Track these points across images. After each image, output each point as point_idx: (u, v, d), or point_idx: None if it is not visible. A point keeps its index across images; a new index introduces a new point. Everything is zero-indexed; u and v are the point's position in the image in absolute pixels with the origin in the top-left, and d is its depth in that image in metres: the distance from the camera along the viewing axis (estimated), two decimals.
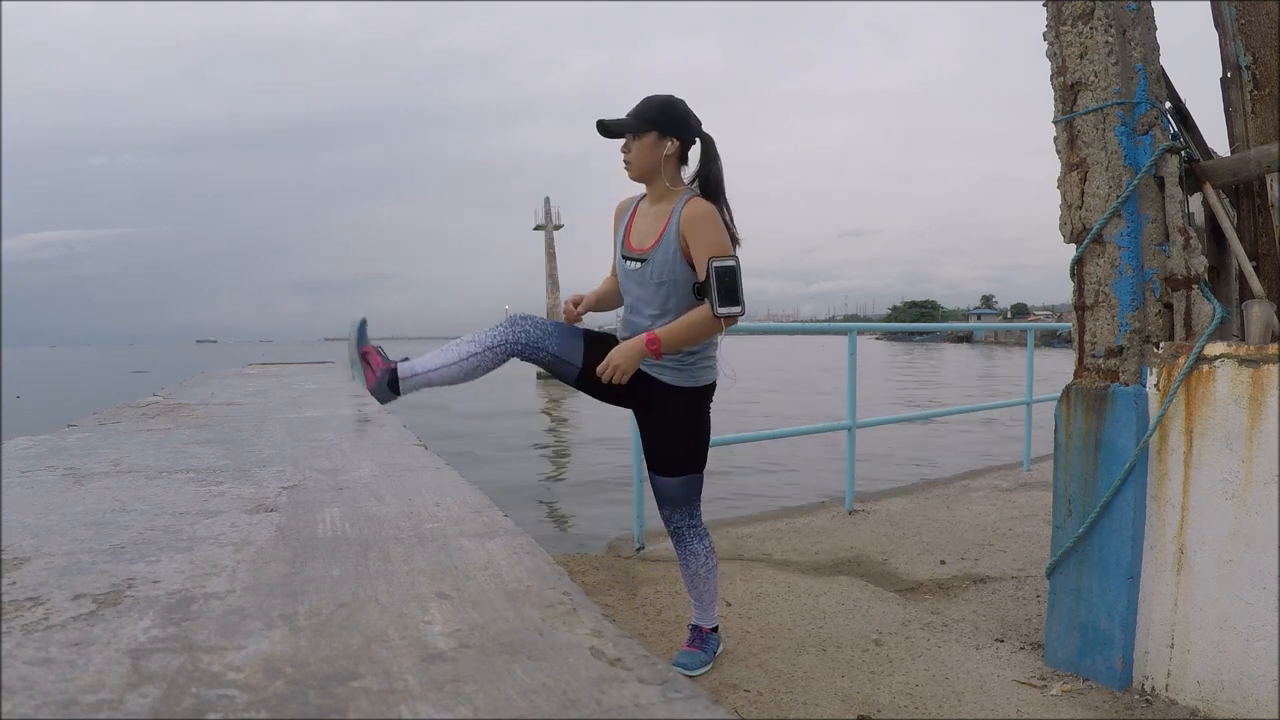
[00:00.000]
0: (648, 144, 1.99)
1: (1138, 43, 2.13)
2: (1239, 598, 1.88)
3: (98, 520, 0.66)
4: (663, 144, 1.99)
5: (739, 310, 1.87)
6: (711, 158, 2.05)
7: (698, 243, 1.90)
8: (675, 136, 2.00)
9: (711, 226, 1.91)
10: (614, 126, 2.01)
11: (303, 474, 0.87)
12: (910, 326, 10.77)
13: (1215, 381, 1.94)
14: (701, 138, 2.05)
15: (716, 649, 2.32)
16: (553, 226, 33.55)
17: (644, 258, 2.01)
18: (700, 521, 2.17)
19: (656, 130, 1.98)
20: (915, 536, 3.78)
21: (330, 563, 0.55)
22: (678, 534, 2.16)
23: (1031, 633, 2.51)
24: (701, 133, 2.05)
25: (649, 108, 2.00)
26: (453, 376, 1.99)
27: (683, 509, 2.13)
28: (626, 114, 2.01)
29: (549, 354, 2.01)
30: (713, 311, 1.86)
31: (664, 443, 2.10)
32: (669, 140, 1.99)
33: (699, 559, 2.17)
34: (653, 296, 2.01)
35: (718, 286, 1.84)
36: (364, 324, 2.00)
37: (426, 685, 0.35)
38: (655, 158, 2.00)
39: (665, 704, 0.33)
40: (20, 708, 0.33)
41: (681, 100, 2.03)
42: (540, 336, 2.01)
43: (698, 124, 2.04)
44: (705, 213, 1.93)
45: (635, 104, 2.02)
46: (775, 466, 7.32)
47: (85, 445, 1.06)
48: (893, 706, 2.04)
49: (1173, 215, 2.10)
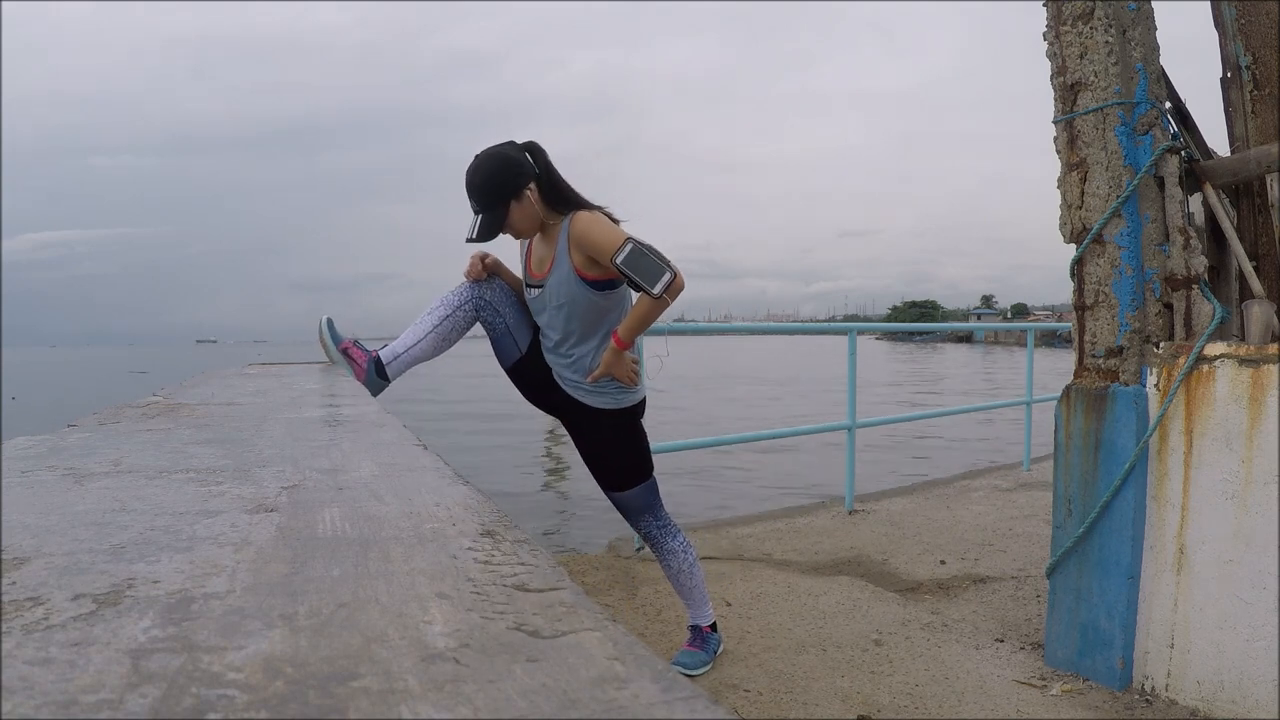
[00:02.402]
0: (515, 214, 1.94)
1: (1138, 43, 2.13)
2: (1239, 598, 1.88)
3: (98, 520, 0.66)
4: (523, 199, 1.93)
5: (670, 276, 1.83)
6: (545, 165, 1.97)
7: (596, 252, 1.88)
8: (525, 185, 1.93)
9: (596, 231, 1.88)
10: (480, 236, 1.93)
11: (303, 474, 0.87)
12: (910, 326, 10.78)
13: (1215, 381, 1.94)
14: (530, 152, 1.97)
15: (717, 648, 2.32)
16: None
17: (541, 284, 2.00)
18: (668, 521, 2.18)
19: (511, 199, 1.92)
20: (915, 536, 3.78)
21: (330, 563, 0.55)
22: (649, 538, 2.18)
23: (1031, 633, 2.51)
24: (529, 148, 1.98)
25: (487, 188, 1.91)
26: (433, 346, 2.03)
27: (646, 515, 2.15)
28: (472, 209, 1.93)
29: (504, 322, 2.06)
30: (650, 296, 1.84)
31: (604, 462, 2.11)
32: (525, 192, 1.93)
33: (677, 556, 2.18)
34: (554, 319, 2.00)
35: (636, 276, 1.83)
36: (331, 321, 2.06)
37: (426, 685, 0.35)
38: (529, 213, 1.95)
39: (665, 704, 0.33)
40: (20, 708, 0.33)
41: (496, 151, 1.94)
42: (503, 301, 2.06)
43: (519, 151, 1.96)
44: (585, 222, 1.90)
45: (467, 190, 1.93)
46: (775, 466, 7.32)
47: (85, 445, 1.06)
48: (893, 706, 2.04)
49: (1173, 215, 2.10)
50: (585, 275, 1.93)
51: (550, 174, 1.98)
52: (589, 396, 2.03)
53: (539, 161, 1.97)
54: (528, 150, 1.98)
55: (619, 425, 2.07)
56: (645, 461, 2.13)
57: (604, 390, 2.02)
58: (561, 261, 1.95)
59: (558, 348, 2.02)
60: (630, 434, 2.10)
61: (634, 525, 2.20)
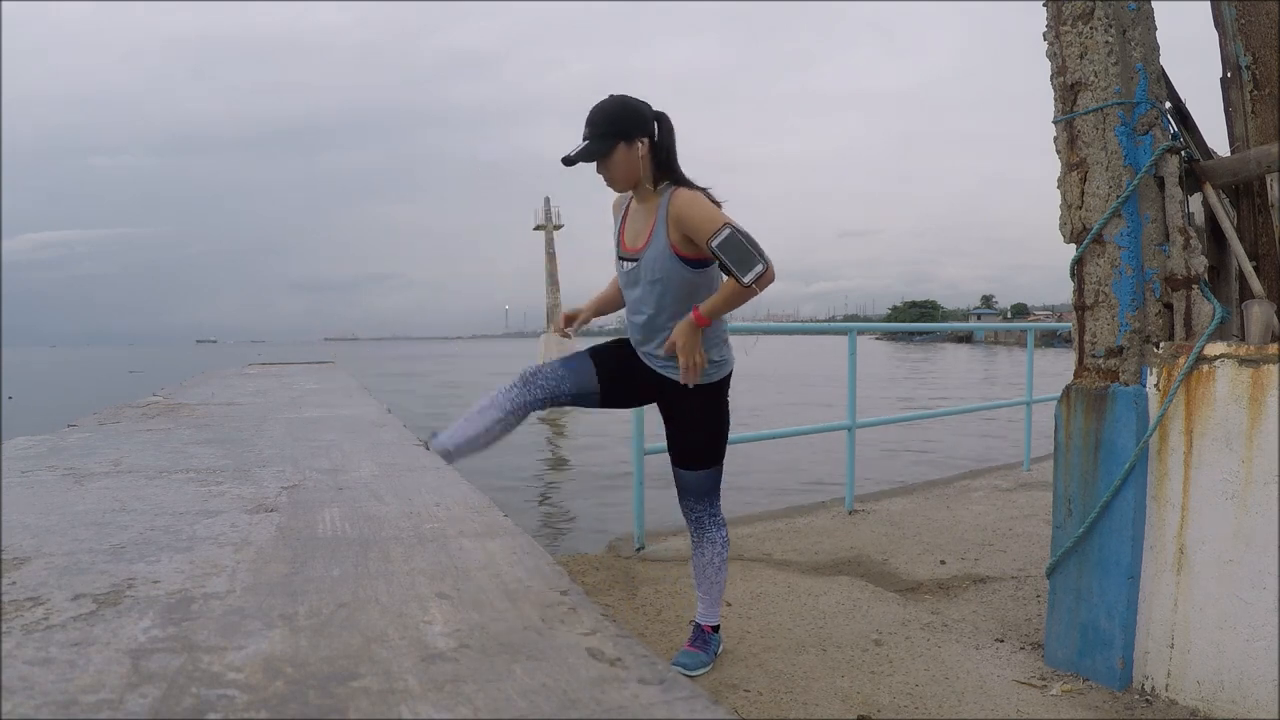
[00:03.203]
0: (620, 156, 1.96)
1: (1138, 43, 2.13)
2: (1239, 598, 1.88)
3: (98, 520, 0.66)
4: (634, 147, 1.96)
5: (762, 268, 1.82)
6: (667, 133, 2.01)
7: (694, 232, 1.89)
8: (642, 135, 1.97)
9: (696, 210, 1.89)
10: (581, 157, 1.96)
11: (303, 474, 0.87)
12: (910, 326, 10.77)
13: (1215, 381, 1.94)
14: (658, 118, 2.01)
15: (718, 649, 2.32)
16: (553, 226, 33.54)
17: (636, 257, 2.02)
18: (720, 512, 2.21)
19: (622, 140, 1.95)
20: (915, 536, 3.78)
21: (330, 563, 0.55)
22: (699, 522, 2.19)
23: (1031, 633, 2.51)
24: (657, 114, 2.01)
25: (606, 120, 1.96)
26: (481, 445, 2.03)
27: (704, 500, 2.18)
28: (584, 136, 1.97)
29: (568, 396, 2.06)
30: (739, 283, 1.84)
31: (685, 439, 2.14)
32: (638, 142, 1.96)
33: (715, 547, 2.20)
34: (647, 294, 2.02)
35: (729, 261, 1.83)
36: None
37: (426, 685, 0.35)
38: (633, 164, 1.97)
39: (665, 704, 0.33)
40: (20, 708, 0.33)
41: (629, 97, 1.99)
42: (555, 384, 2.05)
43: (650, 111, 2.00)
44: (687, 200, 1.91)
45: (587, 118, 1.98)
46: (775, 466, 7.32)
47: (85, 445, 1.06)
48: (893, 706, 2.04)
49: (1173, 215, 2.10)
50: (681, 253, 1.94)
51: (667, 143, 2.00)
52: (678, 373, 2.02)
53: (663, 128, 2.00)
54: (657, 117, 2.01)
55: (707, 400, 2.08)
56: (721, 445, 2.14)
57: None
58: (659, 236, 1.96)
59: (649, 324, 2.03)
60: (716, 410, 2.11)
61: (688, 507, 2.18)
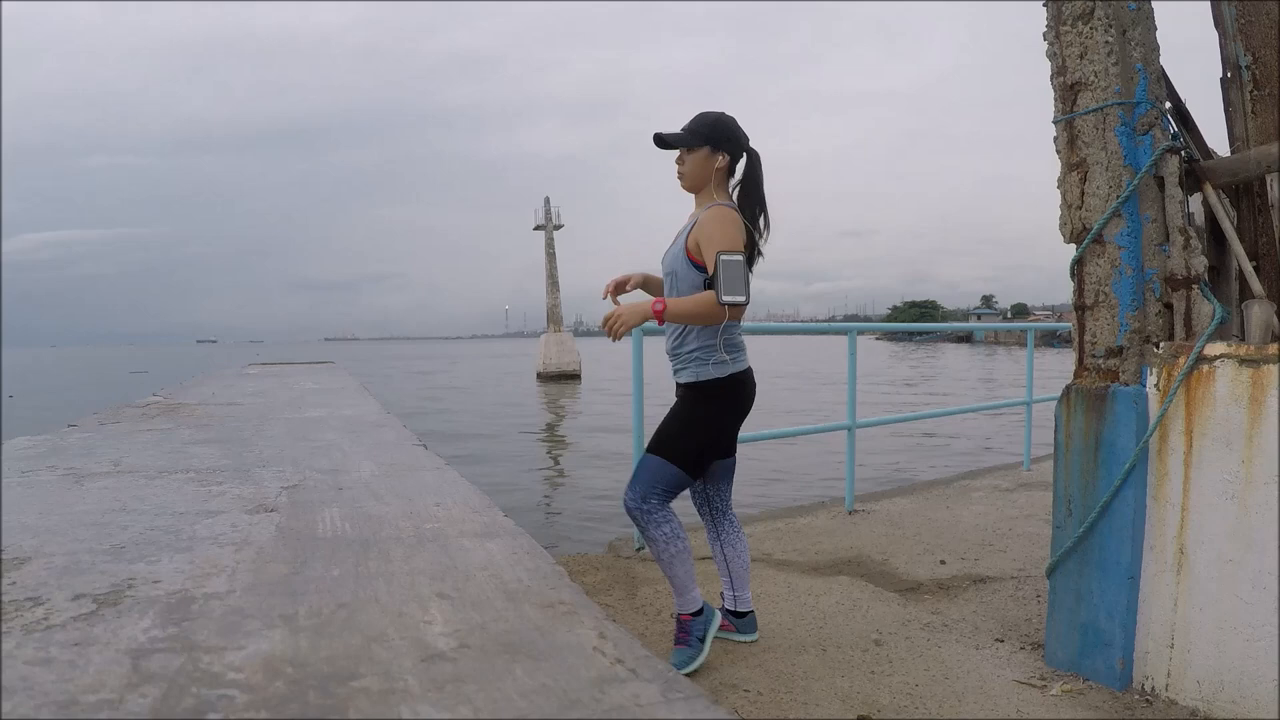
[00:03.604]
0: (700, 158, 2.14)
1: (1138, 43, 2.13)
2: (1239, 598, 1.88)
3: (98, 520, 0.66)
4: (714, 159, 2.14)
5: (742, 299, 1.95)
6: (754, 166, 2.18)
7: (707, 240, 2.04)
8: (726, 152, 2.14)
9: (722, 226, 2.04)
10: (670, 140, 2.14)
11: (303, 474, 0.87)
12: (910, 326, 10.78)
13: (1215, 381, 1.94)
14: (749, 153, 2.18)
15: (703, 633, 2.30)
16: (553, 226, 33.55)
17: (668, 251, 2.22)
18: (655, 509, 2.17)
19: (709, 145, 2.13)
20: (915, 536, 3.78)
21: (330, 563, 0.55)
22: (632, 515, 2.20)
23: (1031, 633, 2.51)
24: (749, 148, 2.18)
25: (703, 124, 2.13)
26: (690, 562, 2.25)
27: (635, 487, 2.17)
28: (681, 128, 2.15)
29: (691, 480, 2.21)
30: (717, 299, 1.95)
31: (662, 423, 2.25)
32: (720, 155, 2.13)
33: (657, 545, 2.19)
34: (665, 286, 2.23)
35: (722, 276, 1.94)
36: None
37: (426, 685, 0.35)
38: (706, 171, 2.14)
39: (665, 704, 0.33)
40: (20, 708, 0.33)
41: (733, 118, 2.16)
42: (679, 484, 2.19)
43: (746, 140, 2.17)
44: (719, 215, 2.06)
45: (694, 116, 2.16)
46: (775, 466, 7.32)
47: (85, 445, 1.06)
48: (893, 706, 2.04)
49: (1173, 215, 2.09)
50: (693, 256, 2.11)
51: (749, 174, 2.17)
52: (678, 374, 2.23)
53: (750, 161, 2.18)
54: (750, 151, 2.18)
55: (686, 398, 2.21)
56: (675, 443, 2.17)
57: (684, 366, 2.19)
58: (683, 235, 2.15)
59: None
60: (689, 410, 2.19)
61: (627, 493, 2.21)
